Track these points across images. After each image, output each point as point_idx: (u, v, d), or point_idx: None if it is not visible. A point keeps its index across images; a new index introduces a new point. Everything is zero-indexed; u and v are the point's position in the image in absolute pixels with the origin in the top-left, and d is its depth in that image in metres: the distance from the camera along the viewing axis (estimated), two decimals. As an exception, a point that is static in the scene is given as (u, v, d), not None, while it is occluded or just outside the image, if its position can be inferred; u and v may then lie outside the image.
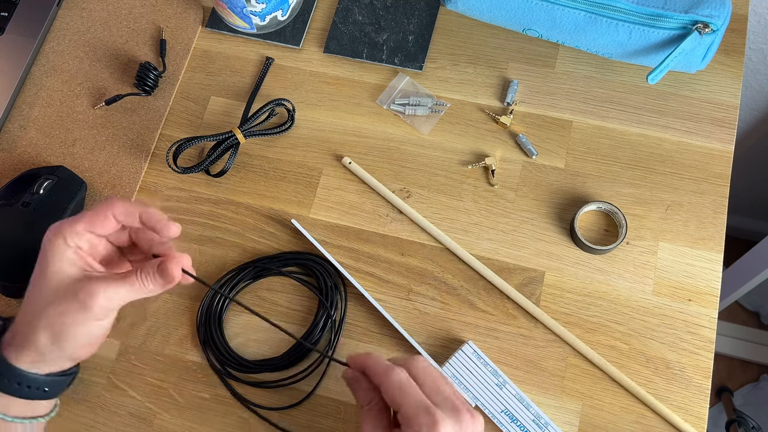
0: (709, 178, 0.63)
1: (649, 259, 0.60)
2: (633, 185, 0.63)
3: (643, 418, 0.56)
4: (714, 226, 0.61)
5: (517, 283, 0.61)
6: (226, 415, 0.59)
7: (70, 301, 0.41)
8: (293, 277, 0.62)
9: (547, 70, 0.68)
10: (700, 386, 0.57)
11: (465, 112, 0.67)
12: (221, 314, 0.61)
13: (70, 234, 0.42)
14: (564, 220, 0.62)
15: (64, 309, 0.41)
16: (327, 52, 0.70)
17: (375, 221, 0.64)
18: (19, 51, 0.71)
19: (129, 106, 0.69)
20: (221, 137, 0.65)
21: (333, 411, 0.59)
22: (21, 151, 0.69)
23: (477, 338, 0.59)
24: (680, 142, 0.64)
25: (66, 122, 0.69)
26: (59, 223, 0.43)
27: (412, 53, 0.69)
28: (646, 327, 0.59)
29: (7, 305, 0.63)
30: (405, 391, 0.41)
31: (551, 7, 0.60)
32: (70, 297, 0.41)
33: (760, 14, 0.84)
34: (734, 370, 1.43)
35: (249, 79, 0.70)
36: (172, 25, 0.73)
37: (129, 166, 0.67)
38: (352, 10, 0.71)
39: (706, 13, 0.57)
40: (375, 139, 0.67)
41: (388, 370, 0.42)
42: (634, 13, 0.59)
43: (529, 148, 0.64)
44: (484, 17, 0.66)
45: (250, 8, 0.66)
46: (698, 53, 0.60)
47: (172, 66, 0.71)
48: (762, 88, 0.98)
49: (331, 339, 0.60)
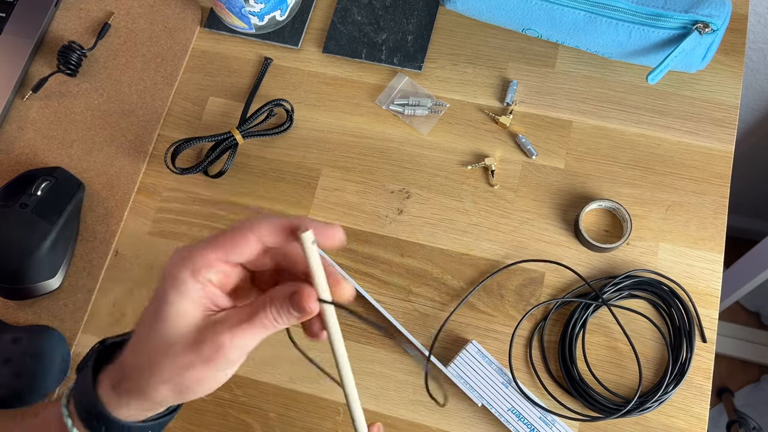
0: (709, 179, 0.62)
1: (649, 260, 0.60)
2: (633, 185, 0.63)
3: (644, 419, 0.56)
4: (714, 227, 0.61)
5: (517, 284, 0.60)
6: (225, 416, 0.59)
7: (194, 356, 0.34)
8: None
9: (546, 70, 0.67)
10: (701, 387, 0.57)
11: (464, 112, 0.67)
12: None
13: (202, 267, 0.34)
14: (564, 220, 0.62)
15: (188, 363, 0.35)
16: (326, 52, 0.70)
17: (374, 222, 0.63)
18: (16, 52, 0.71)
19: (127, 107, 0.69)
20: (220, 138, 0.65)
21: (332, 413, 0.58)
22: (18, 152, 0.68)
23: (477, 339, 0.59)
24: (680, 142, 0.64)
25: (64, 123, 0.69)
26: (188, 249, 0.35)
27: (411, 53, 0.68)
28: (644, 327, 0.58)
29: (6, 306, 0.63)
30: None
31: (551, 7, 0.60)
32: (193, 352, 0.34)
33: (760, 14, 0.84)
34: (735, 371, 1.43)
35: (247, 80, 0.70)
36: (171, 25, 0.72)
37: (127, 167, 0.67)
38: (351, 10, 0.71)
39: (706, 12, 0.57)
40: (374, 140, 0.66)
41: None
42: (634, 13, 0.58)
43: (529, 149, 0.64)
44: (483, 17, 0.65)
45: (248, 8, 0.66)
46: (698, 53, 0.60)
47: (170, 66, 0.71)
48: (762, 87, 0.98)
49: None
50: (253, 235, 0.35)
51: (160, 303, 0.35)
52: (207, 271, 0.35)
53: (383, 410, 0.58)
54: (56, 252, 0.62)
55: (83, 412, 0.37)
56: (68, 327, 0.62)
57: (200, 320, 0.35)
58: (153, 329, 0.35)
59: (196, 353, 0.34)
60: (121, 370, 0.37)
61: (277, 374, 0.60)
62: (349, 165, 0.66)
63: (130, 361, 0.37)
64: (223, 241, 0.35)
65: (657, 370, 0.58)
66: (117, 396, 0.36)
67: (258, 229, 0.35)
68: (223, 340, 0.34)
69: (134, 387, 0.36)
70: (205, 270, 0.35)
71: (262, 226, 0.35)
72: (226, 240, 0.35)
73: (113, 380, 0.37)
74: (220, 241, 0.35)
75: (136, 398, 0.36)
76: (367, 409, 0.58)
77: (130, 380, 0.36)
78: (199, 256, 0.35)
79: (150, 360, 0.35)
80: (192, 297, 0.35)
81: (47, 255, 0.61)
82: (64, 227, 0.63)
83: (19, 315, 0.62)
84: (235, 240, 0.35)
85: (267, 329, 0.35)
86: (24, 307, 0.63)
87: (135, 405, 0.37)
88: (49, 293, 0.62)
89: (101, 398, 0.36)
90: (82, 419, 0.37)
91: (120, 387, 0.37)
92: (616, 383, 0.57)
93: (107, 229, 0.65)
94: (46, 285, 0.61)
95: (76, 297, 0.63)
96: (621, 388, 0.57)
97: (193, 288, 0.35)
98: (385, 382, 0.59)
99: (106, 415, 0.36)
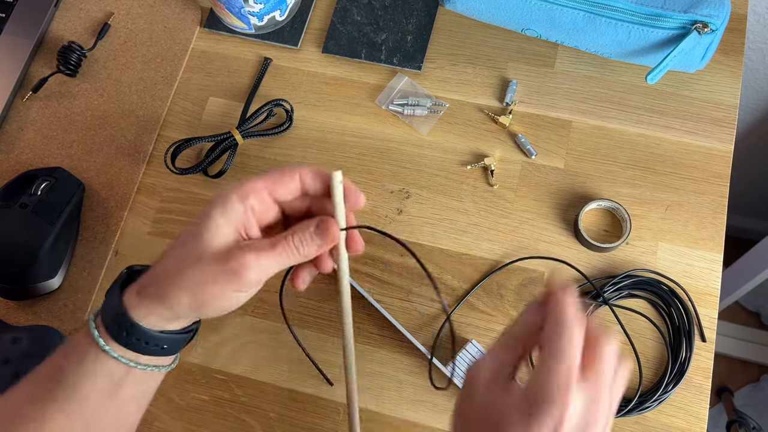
0: (708, 178, 0.62)
1: (649, 260, 0.60)
2: (632, 185, 0.63)
3: (643, 419, 0.56)
4: (714, 226, 0.61)
5: (517, 284, 0.60)
6: (225, 417, 0.59)
7: (219, 268, 0.38)
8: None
9: (546, 69, 0.67)
10: (700, 386, 0.57)
11: (464, 112, 0.67)
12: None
13: (249, 192, 0.39)
14: (563, 220, 0.62)
15: (212, 276, 0.38)
16: (325, 52, 0.70)
17: (374, 222, 0.64)
18: (16, 52, 0.71)
19: (127, 107, 0.69)
20: (219, 138, 0.65)
21: (332, 413, 0.59)
22: (19, 152, 0.68)
23: (477, 339, 0.59)
24: (680, 142, 0.64)
25: (63, 123, 0.69)
26: (240, 182, 0.39)
27: (410, 53, 0.69)
28: (644, 327, 0.59)
29: (6, 307, 0.63)
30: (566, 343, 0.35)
31: (550, 7, 0.60)
32: (220, 264, 0.38)
33: (760, 14, 0.84)
34: (735, 371, 1.43)
35: (247, 80, 0.70)
36: (170, 25, 0.72)
37: (127, 167, 0.67)
38: (351, 10, 0.71)
39: (705, 12, 0.57)
40: (373, 140, 0.66)
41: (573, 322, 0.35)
42: (633, 13, 0.58)
43: (529, 149, 0.64)
44: (482, 17, 0.66)
45: (248, 8, 0.66)
46: (697, 53, 0.60)
47: (170, 66, 0.71)
48: (761, 87, 0.98)
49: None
50: (296, 175, 0.40)
51: (202, 218, 0.39)
52: (253, 197, 0.39)
53: (383, 410, 0.58)
54: (56, 252, 0.62)
55: (108, 320, 0.39)
56: (68, 327, 0.62)
57: (232, 241, 0.39)
58: (187, 240, 0.39)
59: (221, 267, 0.38)
60: (147, 277, 0.40)
61: (277, 374, 0.60)
62: (349, 165, 0.66)
63: (158, 268, 0.40)
64: (272, 175, 0.40)
65: (656, 369, 0.58)
66: (140, 300, 0.39)
67: (302, 171, 0.40)
68: (249, 259, 0.38)
69: (158, 292, 0.39)
70: (252, 195, 0.39)
71: (305, 169, 0.40)
72: (275, 174, 0.40)
73: (139, 286, 0.40)
74: (269, 175, 0.40)
75: (158, 303, 0.39)
76: (367, 409, 0.58)
77: (155, 284, 0.39)
78: (249, 183, 0.39)
79: (177, 266, 0.39)
80: (232, 217, 0.38)
81: (47, 255, 0.61)
82: (64, 227, 0.63)
83: (19, 315, 0.62)
84: (283, 175, 0.40)
85: (289, 257, 0.39)
86: (24, 308, 0.63)
87: (156, 311, 0.39)
88: (49, 293, 0.62)
89: (125, 303, 0.39)
90: (107, 327, 0.39)
91: (144, 291, 0.39)
92: (616, 383, 0.57)
93: (107, 229, 0.65)
94: (46, 285, 0.61)
95: (76, 297, 0.63)
96: (621, 388, 0.57)
97: (236, 208, 0.38)
98: (385, 382, 0.59)
99: (129, 319, 0.39)
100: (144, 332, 0.39)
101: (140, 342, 0.39)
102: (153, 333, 0.39)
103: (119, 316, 0.39)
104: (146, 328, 0.39)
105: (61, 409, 0.38)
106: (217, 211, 0.38)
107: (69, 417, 0.38)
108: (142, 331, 0.39)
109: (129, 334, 0.39)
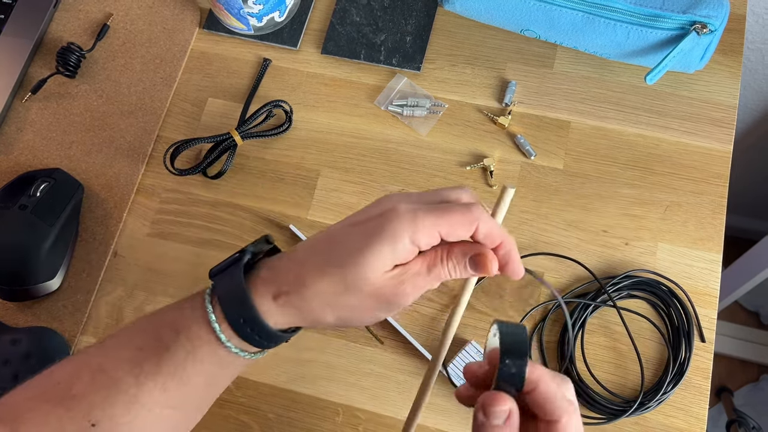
0: (707, 179, 0.62)
1: (648, 260, 0.60)
2: (632, 186, 0.63)
3: (643, 419, 0.56)
4: (713, 227, 0.61)
5: (516, 285, 0.60)
6: (225, 418, 0.59)
7: (377, 299, 0.37)
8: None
9: (545, 70, 0.67)
10: (700, 386, 0.57)
11: (463, 112, 0.67)
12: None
13: (423, 237, 0.37)
14: (563, 220, 0.62)
15: (368, 305, 0.37)
16: (324, 53, 0.70)
17: (373, 223, 0.63)
18: (15, 53, 0.71)
19: (126, 108, 0.69)
20: (219, 139, 0.65)
21: (331, 414, 0.59)
22: (18, 153, 0.68)
23: (476, 339, 0.59)
24: (679, 143, 0.64)
25: (63, 124, 0.69)
26: (416, 211, 0.37)
27: (409, 54, 0.69)
28: (643, 328, 0.59)
29: (5, 308, 0.63)
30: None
31: (549, 8, 0.60)
32: (378, 296, 0.37)
33: (758, 14, 0.84)
34: (734, 370, 1.43)
35: (246, 81, 0.70)
36: (170, 26, 0.72)
37: (126, 168, 0.67)
38: (350, 11, 0.71)
39: (704, 13, 0.57)
40: (373, 140, 0.66)
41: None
42: (631, 14, 0.58)
43: (528, 149, 0.64)
44: (481, 18, 0.66)
45: (247, 9, 0.66)
46: (696, 53, 0.60)
47: (169, 67, 0.71)
48: (760, 87, 0.98)
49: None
50: (474, 225, 0.37)
51: (368, 244, 0.37)
52: (425, 237, 0.37)
53: (383, 411, 0.58)
54: (55, 253, 0.62)
55: (233, 315, 0.38)
56: (68, 328, 0.62)
57: (392, 273, 0.37)
58: (348, 263, 0.37)
59: (379, 298, 0.37)
60: (285, 280, 0.38)
61: (277, 375, 0.60)
62: (348, 166, 0.66)
63: (301, 276, 0.38)
64: (450, 221, 0.37)
65: (656, 370, 0.58)
66: (278, 307, 0.38)
67: (481, 222, 0.37)
68: (407, 289, 0.37)
69: (302, 305, 0.38)
70: (426, 239, 0.37)
71: (483, 222, 0.37)
72: (455, 221, 0.37)
73: (276, 290, 0.38)
74: (447, 220, 0.37)
75: (298, 315, 0.38)
76: (367, 410, 0.58)
77: (299, 296, 0.38)
78: (427, 227, 0.36)
79: (329, 286, 0.37)
80: (400, 256, 0.37)
81: (46, 256, 0.61)
82: (64, 228, 0.63)
83: (19, 316, 0.62)
84: (463, 225, 0.37)
85: (440, 280, 0.38)
86: (23, 309, 0.63)
87: (292, 321, 0.38)
88: (48, 294, 0.62)
89: (257, 305, 0.38)
90: (231, 322, 0.38)
91: (286, 300, 0.38)
92: (615, 383, 0.58)
93: (106, 230, 0.65)
94: (46, 286, 0.61)
95: (75, 298, 0.63)
96: (620, 388, 0.57)
97: (406, 248, 0.37)
98: (385, 383, 0.59)
99: (260, 322, 0.38)
100: (269, 332, 0.38)
101: (261, 339, 0.38)
102: (277, 333, 0.39)
103: (252, 320, 0.38)
104: (274, 330, 0.38)
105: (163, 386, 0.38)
106: (386, 247, 0.36)
107: (166, 392, 0.38)
108: (268, 331, 0.38)
109: (252, 331, 0.38)
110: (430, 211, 0.37)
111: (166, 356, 0.38)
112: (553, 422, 0.34)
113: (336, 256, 0.38)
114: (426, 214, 0.37)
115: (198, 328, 0.38)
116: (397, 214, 0.37)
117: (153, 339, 0.39)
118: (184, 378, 0.38)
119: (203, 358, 0.38)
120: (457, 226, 0.37)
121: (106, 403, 0.37)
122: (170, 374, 0.38)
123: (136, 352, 0.39)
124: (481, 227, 0.37)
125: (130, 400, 0.37)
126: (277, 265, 0.39)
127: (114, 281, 0.64)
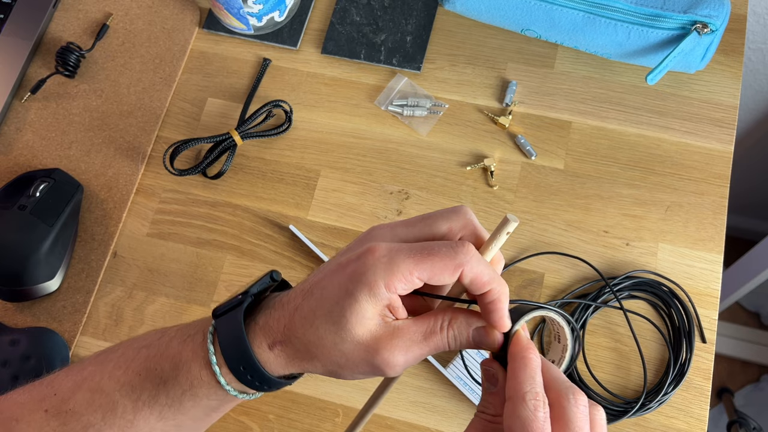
0: (708, 179, 0.62)
1: (648, 261, 0.60)
2: (632, 186, 0.63)
3: (643, 420, 0.56)
4: (714, 227, 0.61)
5: (517, 285, 0.60)
6: (224, 419, 0.59)
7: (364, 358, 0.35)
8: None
9: (545, 70, 0.67)
10: (701, 387, 0.56)
11: (463, 112, 0.66)
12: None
13: (401, 281, 0.34)
14: (563, 221, 0.62)
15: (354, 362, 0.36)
16: (324, 53, 0.70)
17: (373, 223, 0.63)
18: (15, 53, 0.71)
19: (125, 108, 0.69)
20: (218, 139, 0.65)
21: (331, 414, 0.58)
22: (17, 153, 0.68)
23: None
24: (680, 143, 0.64)
25: (62, 124, 0.69)
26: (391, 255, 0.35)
27: (410, 54, 0.68)
28: (644, 328, 0.58)
29: (4, 308, 0.63)
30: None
31: (549, 8, 0.60)
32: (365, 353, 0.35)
33: (759, 14, 0.84)
34: (735, 371, 1.43)
35: (246, 81, 0.70)
36: (169, 26, 0.72)
37: (125, 168, 0.67)
38: (350, 11, 0.71)
39: (705, 13, 0.57)
40: (373, 141, 0.66)
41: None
42: (632, 13, 0.58)
43: (528, 149, 0.64)
44: (482, 17, 0.65)
45: (247, 9, 0.66)
46: (697, 53, 0.60)
47: (169, 67, 0.70)
48: (761, 87, 0.98)
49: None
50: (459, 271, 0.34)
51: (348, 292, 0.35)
52: (401, 285, 0.35)
53: (383, 411, 0.58)
54: (55, 254, 0.62)
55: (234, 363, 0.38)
56: (67, 329, 0.62)
57: (376, 325, 0.36)
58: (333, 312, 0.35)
59: (366, 357, 0.35)
60: (278, 330, 0.38)
61: (276, 376, 0.60)
62: (348, 166, 0.66)
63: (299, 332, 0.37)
64: (432, 265, 0.34)
65: (657, 370, 0.58)
66: (275, 357, 0.38)
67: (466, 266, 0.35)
68: (396, 359, 0.35)
69: (296, 354, 0.37)
70: (402, 285, 0.35)
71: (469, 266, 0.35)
72: (437, 266, 0.34)
73: (269, 340, 0.38)
74: (429, 264, 0.34)
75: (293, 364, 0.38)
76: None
77: (291, 346, 0.37)
78: (402, 272, 0.34)
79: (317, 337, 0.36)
80: (380, 303, 0.35)
81: (46, 257, 0.61)
82: (63, 229, 0.62)
83: (18, 317, 0.62)
84: (446, 270, 0.34)
85: (438, 350, 0.36)
86: (23, 309, 0.63)
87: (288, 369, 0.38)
88: (47, 295, 0.62)
89: (257, 353, 0.38)
90: (232, 369, 0.38)
91: (281, 350, 0.37)
92: (616, 384, 0.57)
93: (106, 230, 0.65)
94: (45, 287, 0.61)
95: (74, 298, 0.63)
96: (620, 389, 0.57)
97: (384, 296, 0.35)
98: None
99: (259, 371, 0.38)
100: (268, 379, 0.38)
101: (262, 385, 0.39)
102: (276, 380, 0.38)
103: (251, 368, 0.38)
104: (274, 378, 0.38)
105: (160, 414, 0.39)
106: (363, 296, 0.35)
107: (163, 419, 0.39)
108: (267, 378, 0.38)
109: (253, 378, 0.38)
110: (410, 254, 0.35)
111: (163, 390, 0.39)
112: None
113: (321, 305, 0.36)
114: (405, 258, 0.34)
115: (199, 370, 0.38)
116: (373, 258, 0.35)
117: (152, 369, 0.39)
118: (182, 409, 0.39)
119: (202, 396, 0.39)
120: (438, 271, 0.34)
121: (104, 425, 0.38)
122: (167, 405, 0.38)
123: (135, 377, 0.39)
124: (467, 272, 0.35)
125: (126, 425, 0.38)
126: (271, 312, 0.39)
127: (113, 281, 0.64)
